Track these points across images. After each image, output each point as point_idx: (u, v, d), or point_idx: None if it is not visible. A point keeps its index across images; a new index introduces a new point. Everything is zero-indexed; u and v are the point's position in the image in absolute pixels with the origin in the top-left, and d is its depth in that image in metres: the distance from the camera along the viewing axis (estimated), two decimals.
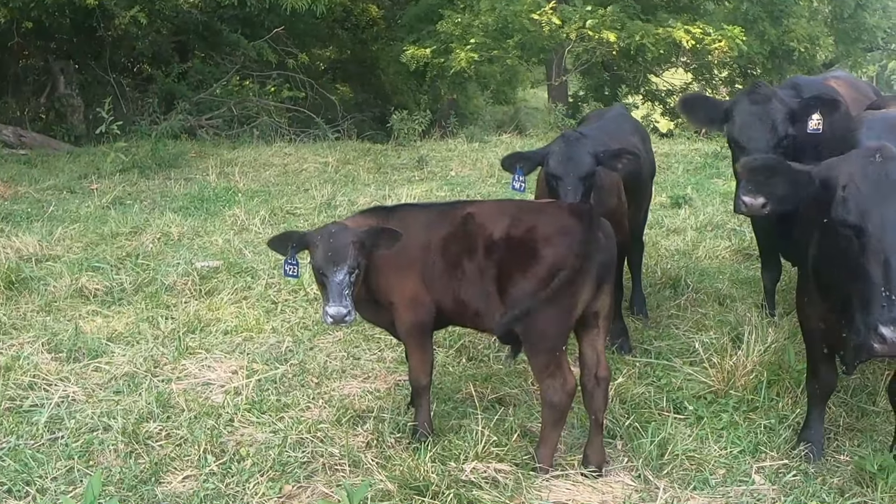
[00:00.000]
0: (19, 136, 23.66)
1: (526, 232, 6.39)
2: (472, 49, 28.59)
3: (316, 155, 21.39)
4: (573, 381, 6.44)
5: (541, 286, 6.20)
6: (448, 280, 6.67)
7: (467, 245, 6.59)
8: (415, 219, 6.91)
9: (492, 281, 6.46)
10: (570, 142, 7.99)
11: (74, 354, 8.60)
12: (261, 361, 8.50)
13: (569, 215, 6.47)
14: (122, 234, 12.95)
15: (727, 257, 12.35)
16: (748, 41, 28.69)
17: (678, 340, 9.27)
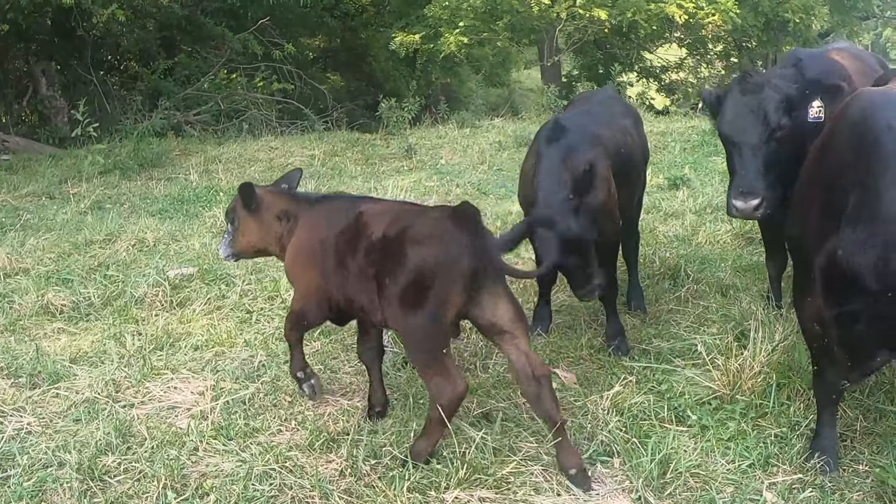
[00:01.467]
0: (2, 141, 23.29)
1: (399, 232, 6.33)
2: (461, 32, 28.24)
3: (303, 148, 20.94)
4: (463, 387, 6.27)
5: (407, 287, 6.19)
6: (338, 275, 6.76)
7: (354, 242, 6.63)
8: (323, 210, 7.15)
9: (372, 279, 6.46)
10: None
11: (34, 380, 8.03)
12: (230, 380, 7.93)
13: (447, 219, 6.30)
14: (95, 242, 12.43)
15: (728, 242, 11.82)
16: (742, 13, 28.53)
17: (679, 339, 8.70)
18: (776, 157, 7.73)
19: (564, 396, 7.45)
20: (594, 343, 8.62)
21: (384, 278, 6.34)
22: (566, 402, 7.36)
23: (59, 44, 27.51)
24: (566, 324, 9.22)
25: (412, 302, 6.18)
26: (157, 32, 30.66)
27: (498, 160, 18.51)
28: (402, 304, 6.23)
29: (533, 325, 8.94)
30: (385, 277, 6.33)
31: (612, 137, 8.57)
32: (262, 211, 7.31)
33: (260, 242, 7.42)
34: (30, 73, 27.54)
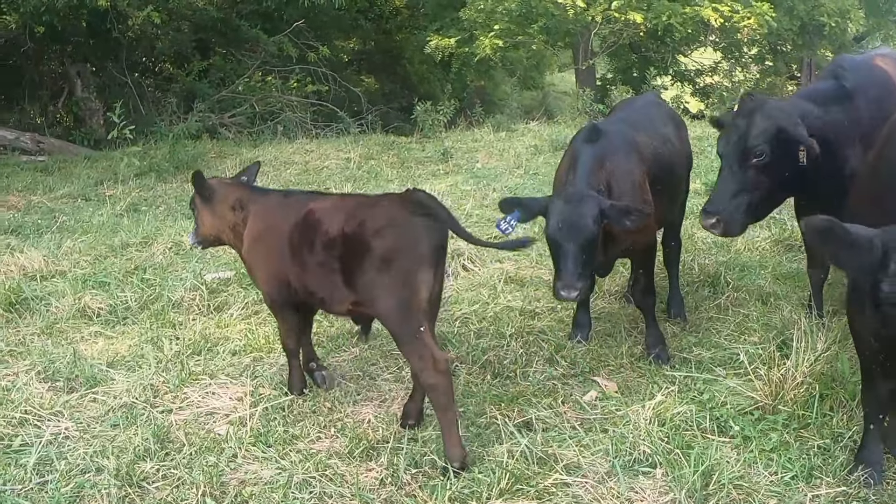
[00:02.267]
0: (38, 143, 23.45)
1: (358, 227, 6.64)
2: (496, 35, 28.10)
3: (338, 151, 20.89)
4: (444, 359, 6.50)
5: (379, 278, 6.51)
6: (296, 268, 7.06)
7: (309, 238, 6.93)
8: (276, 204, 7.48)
9: (337, 273, 6.77)
10: (571, 202, 7.39)
11: (71, 384, 8.01)
12: (269, 385, 7.89)
13: (398, 207, 6.64)
14: (132, 244, 12.42)
15: (767, 249, 11.68)
16: (777, 17, 28.22)
17: (720, 347, 8.58)
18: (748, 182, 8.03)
19: (606, 405, 7.42)
20: (634, 351, 8.53)
21: (353, 271, 6.65)
22: (607, 411, 7.32)
23: (95, 46, 27.53)
24: (606, 331, 9.13)
25: (387, 290, 6.51)
26: (191, 35, 30.66)
27: (534, 164, 18.38)
28: (378, 292, 6.56)
29: (572, 332, 8.89)
30: (354, 270, 6.64)
31: (649, 144, 8.48)
32: (215, 201, 7.65)
33: (214, 230, 7.76)
34: (65, 75, 27.63)
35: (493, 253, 11.54)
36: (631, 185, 7.87)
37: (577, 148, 7.91)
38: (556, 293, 7.41)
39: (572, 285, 7.26)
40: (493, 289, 10.28)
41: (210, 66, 30.39)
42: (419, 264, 6.49)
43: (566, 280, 7.28)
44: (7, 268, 11.22)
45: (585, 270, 7.42)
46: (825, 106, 8.21)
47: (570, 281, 7.26)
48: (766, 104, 8.00)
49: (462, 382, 7.87)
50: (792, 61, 35.65)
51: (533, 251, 11.41)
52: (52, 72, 28.89)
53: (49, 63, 28.44)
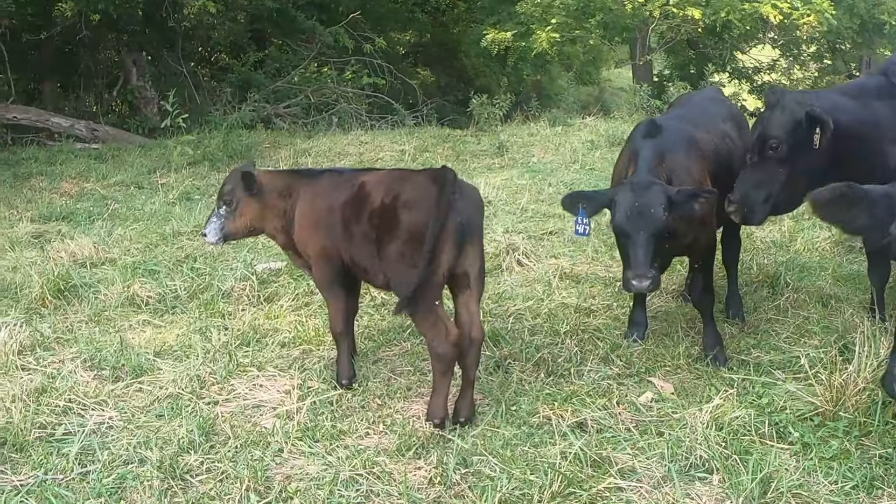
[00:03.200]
0: (92, 131, 23.46)
1: (393, 199, 6.88)
2: (553, 29, 27.86)
3: (393, 143, 20.75)
4: (455, 332, 6.78)
5: (403, 248, 6.76)
6: (344, 241, 7.26)
7: (357, 210, 7.12)
8: (327, 182, 7.58)
9: (373, 243, 6.98)
10: (639, 191, 7.25)
11: (117, 373, 7.92)
12: (318, 379, 7.75)
13: (428, 182, 6.85)
14: (183, 233, 12.39)
15: (827, 249, 11.40)
16: (837, 15, 27.75)
17: (779, 350, 8.32)
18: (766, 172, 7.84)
19: (662, 407, 7.21)
20: (691, 352, 8.28)
21: (381, 243, 6.92)
22: (663, 413, 7.11)
23: (150, 34, 27.55)
24: (662, 330, 8.90)
25: (408, 262, 6.74)
26: (247, 25, 30.69)
27: (590, 160, 18.15)
28: (399, 262, 6.81)
29: (628, 331, 8.69)
30: (382, 241, 6.90)
31: (709, 141, 8.33)
32: (265, 192, 7.70)
33: (257, 221, 7.82)
34: (121, 64, 27.63)
35: (548, 248, 11.42)
36: (690, 182, 7.68)
37: (636, 143, 7.79)
38: (626, 284, 7.30)
39: (644, 275, 7.14)
40: (548, 285, 10.10)
41: (266, 57, 30.38)
42: (441, 239, 6.60)
43: (637, 270, 7.16)
44: (57, 254, 11.22)
45: (655, 260, 7.28)
46: (862, 100, 8.09)
47: (642, 271, 7.15)
48: (786, 96, 7.86)
49: (515, 380, 7.69)
50: (851, 60, 35.24)
51: (588, 247, 11.28)
52: (108, 60, 28.96)
53: (105, 51, 28.52)
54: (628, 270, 7.26)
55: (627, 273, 7.26)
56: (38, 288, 9.86)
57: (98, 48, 27.96)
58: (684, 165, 7.76)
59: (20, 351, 8.31)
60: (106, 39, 27.66)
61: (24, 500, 5.95)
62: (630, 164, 7.70)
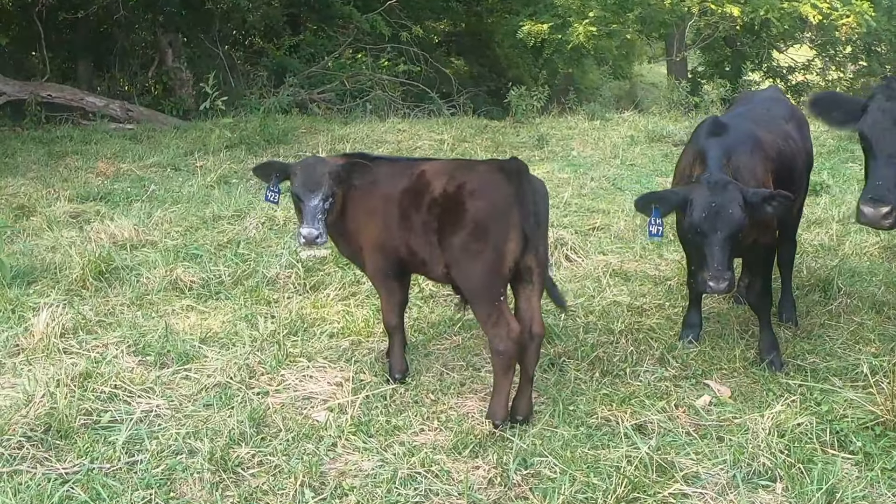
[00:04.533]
0: (126, 111, 23.48)
1: (457, 188, 6.70)
2: (590, 23, 27.69)
3: (431, 132, 20.51)
4: (517, 328, 6.61)
5: (468, 239, 6.57)
6: (402, 230, 7.05)
7: (416, 199, 6.93)
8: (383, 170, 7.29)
9: (433, 232, 6.82)
10: (716, 189, 7.06)
11: (163, 359, 7.78)
12: (369, 372, 7.59)
13: (496, 172, 6.72)
14: (223, 217, 12.22)
15: (876, 255, 11.15)
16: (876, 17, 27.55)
17: (835, 356, 8.13)
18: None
19: (721, 412, 7.04)
20: (747, 355, 8.10)
21: (442, 232, 6.76)
22: (723, 418, 6.94)
23: (187, 16, 27.27)
24: (716, 332, 8.71)
25: (473, 252, 6.58)
26: (283, 9, 30.55)
27: (630, 155, 17.96)
28: (464, 255, 6.63)
29: (683, 332, 8.51)
30: (444, 230, 6.74)
31: (772, 141, 8.18)
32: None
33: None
34: (156, 45, 27.49)
35: (595, 244, 11.23)
36: (755, 183, 7.52)
37: (701, 142, 7.64)
38: (702, 285, 7.12)
39: (722, 276, 6.96)
40: (598, 281, 9.91)
41: (301, 42, 30.26)
42: (508, 231, 6.52)
43: (715, 271, 6.98)
44: (97, 235, 11.09)
45: (732, 261, 7.13)
46: None
47: (720, 272, 6.97)
48: None
49: (570, 379, 7.53)
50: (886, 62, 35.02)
51: (637, 244, 11.10)
52: (144, 41, 28.79)
53: (140, 32, 28.32)
54: (705, 271, 7.07)
55: (704, 274, 7.07)
56: (79, 269, 9.71)
57: (134, 28, 27.78)
58: (749, 166, 7.61)
59: (62, 334, 8.17)
60: (142, 20, 27.46)
61: (70, 490, 5.80)
62: (695, 162, 7.58)
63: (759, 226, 7.49)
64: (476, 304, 6.70)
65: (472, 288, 6.68)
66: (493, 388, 6.76)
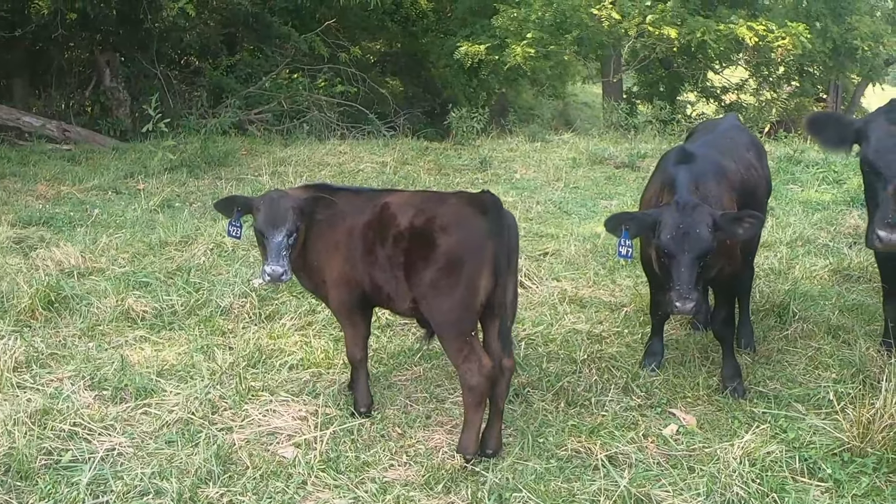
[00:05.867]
0: (64, 131, 23.09)
1: (426, 222, 6.57)
2: (528, 44, 27.81)
3: (372, 154, 20.44)
4: (489, 363, 6.50)
5: (440, 274, 6.44)
6: (366, 264, 6.91)
7: (381, 232, 6.80)
8: (345, 202, 7.14)
9: (399, 267, 6.67)
10: (685, 211, 7.07)
11: (120, 394, 7.57)
12: (333, 405, 7.46)
13: (468, 206, 6.60)
14: (171, 243, 12.00)
15: (826, 278, 11.22)
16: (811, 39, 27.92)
17: (795, 382, 8.17)
18: None
19: (690, 441, 7.02)
20: (710, 383, 8.09)
21: (411, 267, 6.61)
22: (692, 447, 6.92)
23: (125, 35, 27.09)
24: (676, 359, 8.70)
25: (445, 287, 6.45)
26: (220, 28, 30.35)
27: (573, 178, 17.99)
28: (434, 291, 6.49)
29: (646, 360, 8.50)
30: (413, 266, 6.59)
31: (736, 171, 8.22)
32: None
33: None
34: (93, 64, 27.18)
35: (548, 269, 11.18)
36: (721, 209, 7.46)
37: (669, 169, 7.67)
38: (669, 306, 7.09)
39: (689, 297, 6.95)
40: (554, 308, 9.88)
41: (238, 62, 30.04)
42: (481, 267, 6.43)
43: (683, 292, 6.98)
44: (43, 262, 10.84)
45: (699, 283, 7.12)
46: None
47: (688, 293, 6.96)
48: None
49: (537, 410, 7.47)
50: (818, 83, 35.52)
51: (589, 270, 11.09)
52: (81, 60, 28.51)
53: (77, 50, 28.06)
54: (671, 292, 7.06)
55: (671, 294, 7.06)
56: (28, 299, 9.44)
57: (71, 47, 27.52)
58: (716, 194, 7.61)
59: (15, 367, 7.96)
60: (79, 38, 27.19)
61: None
62: (663, 190, 7.58)
63: (726, 253, 7.49)
64: (446, 340, 6.59)
65: (443, 323, 6.57)
66: (463, 422, 6.64)
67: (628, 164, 19.34)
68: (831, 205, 15.24)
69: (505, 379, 6.73)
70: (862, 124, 7.57)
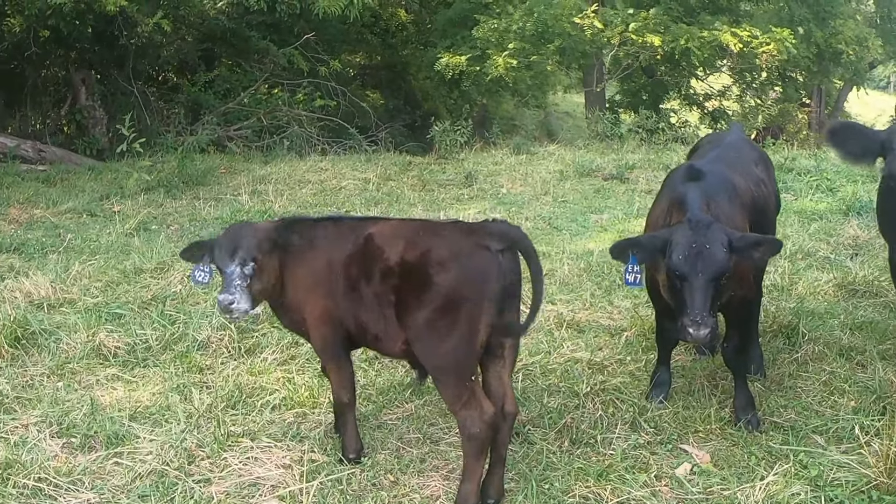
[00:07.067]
0: (39, 151, 22.74)
1: (420, 256, 6.07)
2: (510, 55, 27.54)
3: (354, 170, 20.05)
4: (491, 410, 6.02)
5: (436, 315, 5.94)
6: (349, 301, 6.44)
7: (366, 267, 6.32)
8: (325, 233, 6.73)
9: (389, 306, 6.19)
10: (699, 229, 6.63)
11: (90, 441, 7.01)
12: (319, 451, 6.91)
13: (465, 237, 6.11)
14: (146, 270, 11.45)
15: (831, 293, 10.76)
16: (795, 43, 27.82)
17: (812, 411, 7.66)
18: None
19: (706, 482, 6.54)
20: (721, 415, 7.60)
21: (403, 306, 6.13)
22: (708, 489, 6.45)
23: (100, 52, 26.80)
24: (683, 389, 8.21)
25: (442, 329, 5.97)
26: (197, 44, 29.99)
27: (561, 191, 17.61)
28: (429, 332, 6.00)
29: (653, 391, 7.98)
30: (406, 305, 6.11)
31: (747, 188, 7.81)
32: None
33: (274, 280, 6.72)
34: (69, 82, 26.83)
35: None
36: None
37: (677, 187, 7.23)
38: (682, 333, 6.62)
39: (703, 322, 6.48)
40: (551, 335, 9.38)
41: (216, 77, 29.72)
42: (481, 306, 5.92)
43: (696, 317, 6.51)
44: (11, 294, 10.28)
45: (714, 307, 6.65)
46: None
47: (702, 317, 6.49)
48: None
49: (539, 451, 6.94)
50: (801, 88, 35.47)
51: (585, 291, 10.61)
52: (56, 78, 28.21)
53: (52, 69, 27.71)
54: (684, 318, 6.59)
55: (683, 320, 6.58)
56: None
57: (46, 65, 27.15)
58: (728, 213, 7.19)
59: None
60: (54, 56, 26.83)
61: None
62: (671, 210, 7.16)
63: (738, 277, 7.02)
64: (443, 385, 6.12)
65: (440, 368, 6.09)
66: (462, 471, 6.17)
67: (616, 175, 18.98)
68: (827, 214, 14.90)
69: (507, 424, 6.28)
70: (887, 136, 7.15)
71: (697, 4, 31.51)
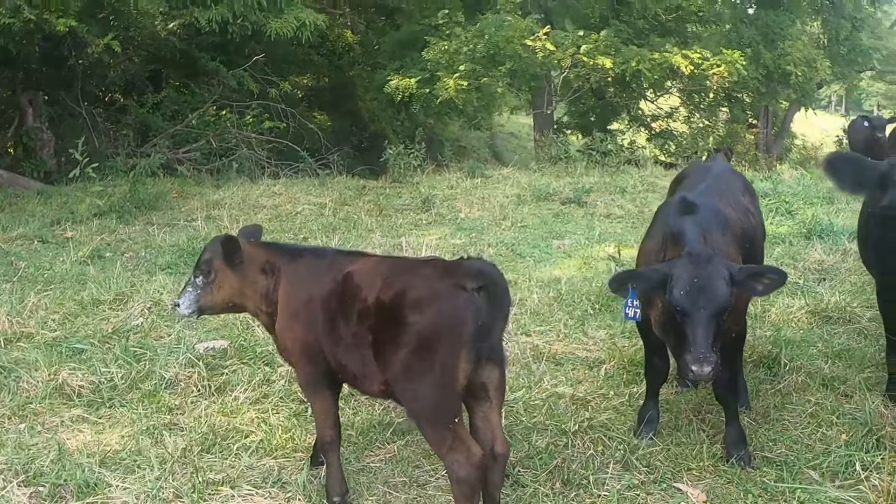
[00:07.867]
0: None
1: (395, 296, 5.91)
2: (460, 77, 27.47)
3: (308, 195, 19.82)
4: (479, 452, 5.77)
5: (412, 357, 5.76)
6: (329, 339, 6.28)
7: (344, 306, 6.18)
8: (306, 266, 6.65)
9: (367, 346, 6.03)
10: (699, 263, 6.46)
11: (59, 490, 6.60)
12: (303, 497, 6.59)
13: (442, 277, 5.90)
14: (104, 301, 11.08)
15: (805, 320, 10.64)
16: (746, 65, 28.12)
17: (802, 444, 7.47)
18: None
19: None
20: (713, 451, 7.38)
21: (380, 347, 5.97)
22: None
23: (48, 73, 26.52)
24: (670, 423, 7.99)
25: (419, 372, 5.79)
26: (145, 65, 29.67)
27: (520, 216, 17.47)
28: (407, 374, 5.84)
29: (643, 428, 7.74)
30: (383, 346, 5.95)
31: (737, 219, 7.67)
32: (245, 264, 6.70)
33: (239, 297, 6.78)
34: (15, 103, 26.42)
35: (514, 322, 10.42)
36: None
37: (672, 221, 7.05)
38: (684, 370, 6.46)
39: (706, 359, 6.29)
40: (528, 367, 9.12)
41: (164, 99, 29.41)
42: (459, 348, 5.69)
43: (699, 354, 6.31)
44: None
45: (716, 343, 6.44)
46: None
47: (705, 354, 6.30)
48: None
49: (531, 494, 6.67)
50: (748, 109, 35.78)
51: (558, 322, 10.38)
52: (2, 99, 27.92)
53: None
54: (686, 355, 6.39)
55: (686, 357, 6.39)
56: None
57: None
58: (722, 246, 7.00)
59: None
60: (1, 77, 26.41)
61: None
62: (666, 244, 6.99)
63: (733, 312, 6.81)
64: (426, 428, 5.91)
65: (419, 410, 5.90)
66: None
67: (574, 199, 18.88)
68: (789, 237, 14.85)
69: (499, 466, 6.05)
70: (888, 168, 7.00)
71: (646, 27, 31.70)
